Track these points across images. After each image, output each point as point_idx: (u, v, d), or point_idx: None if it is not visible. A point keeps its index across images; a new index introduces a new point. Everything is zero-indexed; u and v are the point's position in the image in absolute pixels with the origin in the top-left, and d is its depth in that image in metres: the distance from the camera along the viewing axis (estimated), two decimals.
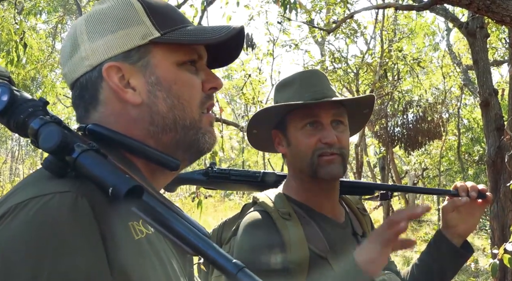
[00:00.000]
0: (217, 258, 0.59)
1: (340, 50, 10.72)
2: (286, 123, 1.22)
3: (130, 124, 0.71)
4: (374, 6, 4.90)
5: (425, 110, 11.09)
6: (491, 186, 4.67)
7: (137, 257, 0.61)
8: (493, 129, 4.69)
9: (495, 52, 10.43)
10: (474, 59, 5.03)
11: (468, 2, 2.47)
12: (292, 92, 1.22)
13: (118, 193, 0.57)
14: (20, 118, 0.65)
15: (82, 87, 0.73)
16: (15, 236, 0.54)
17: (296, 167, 1.22)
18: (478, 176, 13.28)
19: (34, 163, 19.01)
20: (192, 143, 0.74)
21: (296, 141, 1.20)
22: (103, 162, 0.61)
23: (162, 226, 0.61)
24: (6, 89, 0.66)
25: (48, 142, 0.60)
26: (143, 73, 0.72)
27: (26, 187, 0.61)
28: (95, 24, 0.72)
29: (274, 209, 1.14)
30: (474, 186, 1.23)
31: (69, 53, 0.74)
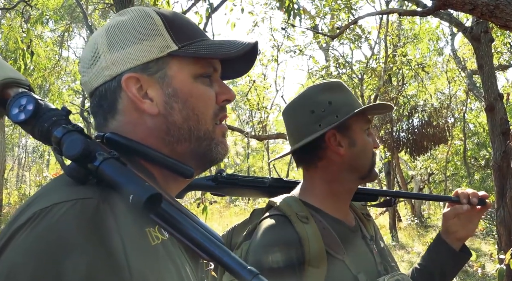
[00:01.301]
0: (232, 265, 0.60)
1: (344, 55, 10.75)
2: (350, 125, 1.22)
3: (147, 133, 0.73)
4: (378, 11, 4.92)
5: (431, 115, 11.07)
6: (498, 191, 4.65)
7: (154, 262, 0.63)
8: (498, 134, 4.67)
9: (500, 56, 10.41)
10: (479, 64, 5.03)
11: (472, 7, 2.47)
12: (347, 97, 1.25)
13: (138, 200, 0.59)
14: (44, 126, 0.67)
15: (101, 96, 0.75)
16: (40, 240, 0.56)
17: (353, 168, 1.23)
18: (484, 181, 13.21)
19: (41, 170, 19.11)
20: (206, 153, 0.77)
21: (363, 143, 1.24)
22: (124, 170, 0.62)
23: (179, 233, 0.63)
24: (31, 99, 0.69)
25: (71, 150, 0.62)
26: (160, 84, 0.74)
27: (49, 193, 0.63)
28: (115, 35, 0.74)
29: (292, 212, 1.16)
30: (474, 193, 1.27)
31: (90, 62, 0.75)
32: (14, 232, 0.58)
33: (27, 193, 14.82)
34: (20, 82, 0.75)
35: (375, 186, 15.21)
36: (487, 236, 10.53)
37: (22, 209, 0.62)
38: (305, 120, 1.23)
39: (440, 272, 1.29)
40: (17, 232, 0.57)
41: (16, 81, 0.75)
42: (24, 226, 0.57)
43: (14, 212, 0.65)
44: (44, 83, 11.90)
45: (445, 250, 1.29)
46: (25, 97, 0.69)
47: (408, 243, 11.14)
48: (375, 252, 1.25)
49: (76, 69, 13.74)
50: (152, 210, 0.61)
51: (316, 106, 1.22)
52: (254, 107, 9.29)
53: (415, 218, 14.06)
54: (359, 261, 1.18)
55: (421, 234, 12.39)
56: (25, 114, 0.68)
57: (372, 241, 1.28)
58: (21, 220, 0.58)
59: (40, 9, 9.25)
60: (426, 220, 14.66)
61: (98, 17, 12.67)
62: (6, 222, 0.64)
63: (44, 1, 9.07)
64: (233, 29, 6.07)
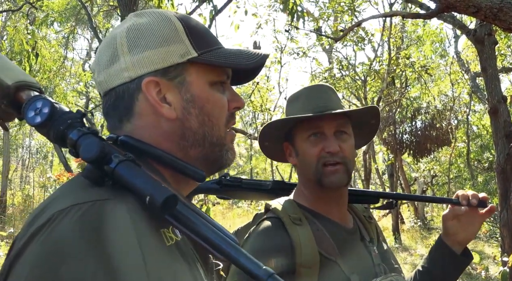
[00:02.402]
0: (247, 265, 0.62)
1: (348, 57, 10.75)
2: (293, 135, 1.28)
3: (162, 137, 0.74)
4: (381, 14, 4.93)
5: (434, 117, 11.06)
6: (501, 193, 4.64)
7: (169, 263, 0.64)
8: (502, 136, 4.67)
9: (504, 59, 10.39)
10: (482, 66, 5.03)
11: (475, 10, 2.48)
12: (298, 106, 1.28)
13: (155, 202, 0.60)
14: (60, 129, 0.68)
15: (117, 97, 0.75)
16: (59, 241, 0.56)
17: (304, 175, 1.27)
18: (488, 183, 13.17)
19: (44, 171, 19.16)
20: (217, 159, 0.78)
21: (302, 151, 1.25)
22: (140, 172, 0.64)
23: (195, 234, 0.64)
24: (47, 102, 0.70)
25: (88, 152, 0.63)
26: (179, 89, 0.74)
27: (66, 195, 0.64)
28: (136, 37, 0.74)
29: (285, 215, 1.18)
30: (475, 194, 1.26)
31: (108, 62, 0.75)
32: (33, 233, 0.59)
33: (30, 194, 14.85)
34: (32, 85, 0.76)
35: (378, 188, 15.19)
36: (491, 239, 10.50)
37: (40, 210, 0.63)
38: None
39: (441, 275, 1.29)
40: (37, 233, 0.58)
41: (28, 84, 0.76)
42: (43, 227, 0.58)
43: (33, 212, 0.66)
44: (49, 85, 11.95)
45: (446, 253, 1.28)
46: (41, 100, 0.70)
47: (411, 245, 11.12)
48: (374, 254, 1.25)
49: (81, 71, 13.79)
50: (168, 211, 0.62)
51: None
52: (258, 109, 9.29)
53: (418, 220, 14.03)
54: (354, 262, 1.18)
55: (424, 236, 12.36)
56: (41, 117, 0.69)
57: (372, 243, 1.28)
58: (40, 222, 0.59)
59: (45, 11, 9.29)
60: (429, 222, 14.62)
61: (102, 19, 12.71)
62: (25, 222, 0.65)
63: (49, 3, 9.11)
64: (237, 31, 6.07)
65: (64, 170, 13.88)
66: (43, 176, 17.20)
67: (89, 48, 17.87)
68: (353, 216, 1.32)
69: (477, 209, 1.25)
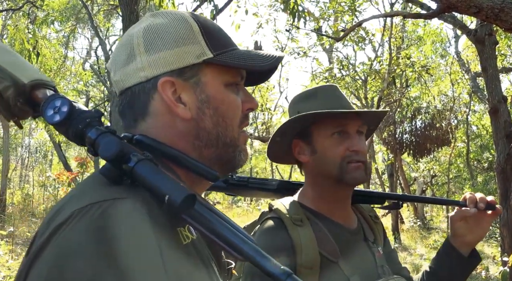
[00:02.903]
0: (266, 265, 0.62)
1: (348, 57, 10.75)
2: (311, 132, 1.25)
3: (177, 137, 0.75)
4: (382, 14, 4.93)
5: (434, 117, 11.07)
6: (501, 193, 4.65)
7: (186, 261, 0.65)
8: (502, 136, 4.67)
9: (504, 59, 10.40)
10: (482, 66, 5.04)
11: (477, 11, 2.48)
12: (318, 103, 1.26)
13: (174, 201, 0.61)
14: (79, 128, 0.69)
15: (133, 96, 0.76)
16: (79, 239, 0.57)
17: (320, 174, 1.25)
18: (487, 183, 13.18)
19: (44, 170, 19.15)
20: (230, 159, 0.79)
21: (323, 149, 1.23)
22: (158, 171, 0.64)
23: (212, 233, 0.65)
24: (65, 101, 0.71)
25: (107, 151, 0.64)
26: (194, 90, 0.75)
27: (85, 193, 0.65)
28: (153, 38, 0.75)
29: (286, 216, 1.18)
30: (482, 197, 1.25)
31: (124, 61, 0.76)
32: (53, 231, 0.59)
33: (30, 193, 14.84)
34: (47, 83, 0.77)
35: (378, 188, 15.20)
36: (490, 239, 10.51)
37: (59, 207, 0.64)
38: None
39: (448, 277, 1.28)
40: (57, 230, 0.59)
41: (43, 82, 0.76)
42: (63, 224, 0.59)
43: (52, 209, 0.67)
44: None
45: (453, 255, 1.27)
46: (59, 99, 0.71)
47: (410, 245, 11.13)
48: (378, 255, 1.25)
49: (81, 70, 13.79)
50: (186, 210, 0.63)
51: (289, 116, 1.28)
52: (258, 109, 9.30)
53: (417, 220, 14.04)
54: (356, 263, 1.18)
55: (423, 236, 12.37)
56: (60, 116, 0.70)
57: (376, 243, 1.28)
58: (60, 219, 0.60)
59: (46, 10, 9.28)
60: (428, 222, 14.63)
61: (103, 18, 12.71)
62: (44, 219, 0.66)
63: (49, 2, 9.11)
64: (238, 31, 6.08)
65: (64, 169, 13.90)
66: (42, 175, 17.20)
67: (89, 47, 17.87)
68: (358, 216, 1.32)
69: (485, 211, 1.24)
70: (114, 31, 17.28)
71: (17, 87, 0.74)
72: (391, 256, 1.31)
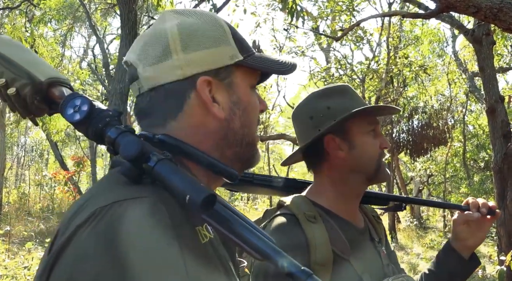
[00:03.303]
0: (285, 265, 0.63)
1: (345, 56, 10.76)
2: (348, 128, 1.25)
3: (204, 136, 0.76)
4: (381, 14, 4.94)
5: (431, 117, 11.10)
6: (498, 193, 4.67)
7: (206, 260, 0.65)
8: (499, 136, 4.69)
9: (501, 59, 10.44)
10: (480, 66, 5.05)
11: (475, 10, 2.48)
12: (349, 100, 1.27)
13: (195, 201, 0.61)
14: (98, 127, 0.69)
15: (167, 93, 0.74)
16: (101, 238, 0.57)
17: (355, 170, 1.24)
18: (483, 183, 13.23)
19: (40, 169, 19.10)
20: (249, 159, 0.81)
21: (363, 145, 1.24)
22: (178, 171, 0.64)
23: (230, 232, 0.65)
24: (85, 100, 0.71)
25: (128, 150, 0.64)
26: (227, 90, 0.77)
27: (106, 191, 0.65)
28: (190, 36, 0.75)
29: (300, 212, 1.18)
30: (485, 203, 1.28)
31: (157, 58, 0.75)
32: (75, 229, 0.59)
33: (26, 192, 14.80)
34: (63, 81, 0.77)
35: (374, 187, 15.23)
36: (486, 238, 10.54)
37: (79, 206, 0.64)
38: (304, 126, 1.28)
39: (448, 279, 1.30)
40: (79, 229, 0.59)
41: (59, 80, 0.77)
42: (85, 224, 0.59)
43: (71, 208, 0.67)
44: None
45: (454, 257, 1.29)
46: (79, 98, 0.71)
47: (407, 244, 11.17)
48: (383, 255, 1.26)
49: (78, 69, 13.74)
50: (207, 210, 0.63)
51: (314, 112, 1.26)
52: None
53: (414, 220, 14.09)
54: (365, 262, 1.19)
55: (420, 235, 12.41)
56: (80, 115, 0.70)
57: (380, 243, 1.29)
58: (82, 218, 0.60)
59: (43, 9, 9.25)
60: (425, 221, 14.68)
61: (100, 17, 12.67)
62: (64, 218, 0.66)
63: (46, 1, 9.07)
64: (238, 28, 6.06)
65: (60, 168, 13.86)
66: (38, 174, 17.16)
67: (86, 46, 17.82)
68: (363, 216, 1.33)
69: (485, 216, 1.28)
70: (111, 30, 17.24)
71: (34, 85, 0.75)
72: (391, 256, 1.32)
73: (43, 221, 10.85)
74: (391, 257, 1.31)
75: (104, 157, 20.14)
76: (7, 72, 0.76)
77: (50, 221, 10.83)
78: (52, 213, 11.96)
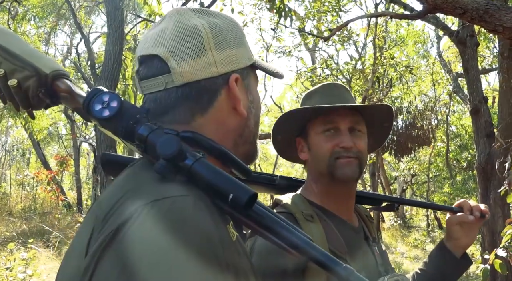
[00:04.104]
0: (328, 262, 0.65)
1: (331, 56, 10.82)
2: (307, 130, 1.29)
3: (226, 133, 0.76)
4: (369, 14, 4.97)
5: (415, 117, 11.22)
6: (481, 193, 4.74)
7: (237, 257, 0.65)
8: (483, 136, 4.76)
9: (483, 60, 10.60)
10: (464, 67, 5.12)
11: (462, 12, 2.51)
12: (314, 101, 1.30)
13: (240, 199, 0.62)
14: (129, 124, 0.68)
15: (202, 90, 0.74)
16: (147, 237, 0.56)
17: (316, 170, 1.27)
18: (466, 182, 13.42)
19: (22, 169, 18.79)
20: (254, 155, 0.84)
21: (315, 146, 1.26)
22: (218, 170, 0.64)
23: (265, 229, 0.66)
24: (114, 96, 0.70)
25: (167, 149, 0.64)
26: (246, 89, 0.79)
27: (143, 189, 0.64)
28: (221, 35, 0.76)
29: (298, 211, 1.19)
30: (477, 206, 1.32)
31: (194, 53, 0.74)
32: (119, 227, 0.58)
33: (7, 192, 14.55)
34: (65, 74, 0.76)
35: (359, 187, 15.33)
36: None
37: (115, 202, 0.62)
38: None
39: (440, 278, 1.32)
40: (122, 227, 0.57)
41: (63, 73, 0.76)
42: (128, 221, 0.58)
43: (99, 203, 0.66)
44: None
45: (447, 257, 1.31)
46: (107, 93, 0.70)
47: (391, 243, 11.28)
48: (377, 254, 1.27)
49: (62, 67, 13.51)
50: (250, 209, 0.64)
51: None
52: None
53: (398, 219, 14.23)
54: (361, 260, 1.19)
55: (404, 234, 12.55)
56: (110, 111, 0.69)
57: (375, 242, 1.31)
58: (124, 215, 0.59)
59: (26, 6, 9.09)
60: (408, 220, 14.84)
61: (84, 14, 12.52)
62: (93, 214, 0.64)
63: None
64: None
65: (42, 168, 13.65)
66: (20, 173, 16.87)
67: (69, 44, 17.58)
68: (357, 215, 1.34)
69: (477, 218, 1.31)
70: (95, 28, 17.05)
71: (39, 78, 0.73)
72: (383, 256, 1.33)
73: (25, 221, 10.67)
74: (383, 256, 1.31)
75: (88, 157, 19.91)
76: (6, 63, 0.74)
77: (32, 221, 10.65)
78: (34, 213, 11.77)
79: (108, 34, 5.00)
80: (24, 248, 6.50)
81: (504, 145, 4.27)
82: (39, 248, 6.90)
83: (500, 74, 4.68)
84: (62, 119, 16.76)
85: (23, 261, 4.88)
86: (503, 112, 4.56)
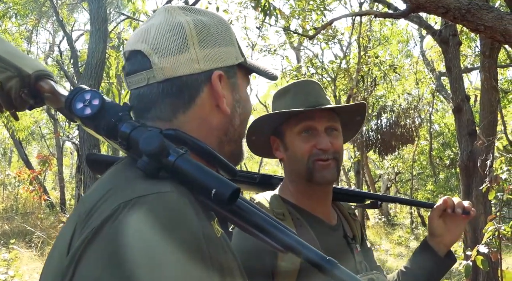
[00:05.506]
0: (310, 255, 0.66)
1: (316, 55, 10.86)
2: (283, 130, 1.27)
3: (208, 132, 0.76)
4: (354, 13, 5.01)
5: (399, 115, 11.33)
6: (464, 190, 4.81)
7: (222, 253, 0.65)
8: (465, 134, 4.83)
9: (466, 59, 10.76)
10: (447, 66, 5.19)
11: (445, 11, 2.54)
12: (288, 101, 1.28)
13: (222, 195, 0.61)
14: (111, 121, 0.68)
15: (183, 86, 0.74)
16: (131, 232, 0.55)
17: (293, 171, 1.27)
18: (448, 180, 13.63)
19: (3, 168, 18.48)
20: (240, 155, 0.84)
21: (293, 147, 1.24)
22: (201, 166, 0.64)
23: (251, 225, 0.66)
24: (96, 94, 0.69)
25: (149, 145, 0.64)
26: (232, 88, 0.79)
27: (125, 186, 0.63)
28: (204, 33, 0.76)
29: (269, 210, 1.18)
30: (460, 202, 1.28)
31: (176, 50, 0.74)
32: (101, 224, 0.57)
33: None
34: (49, 74, 0.75)
35: (344, 185, 15.44)
36: None
37: (97, 200, 0.62)
38: None
39: (424, 276, 1.30)
40: (105, 224, 0.57)
41: (47, 73, 0.75)
42: (110, 218, 0.57)
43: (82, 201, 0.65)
44: None
45: (431, 255, 1.29)
46: (89, 92, 0.70)
47: (376, 241, 11.38)
48: (356, 252, 1.26)
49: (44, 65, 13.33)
50: (233, 204, 0.64)
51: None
52: None
53: (382, 217, 14.37)
54: (336, 259, 1.19)
55: (388, 232, 12.68)
56: (91, 109, 0.68)
57: (354, 240, 1.29)
58: (105, 212, 0.58)
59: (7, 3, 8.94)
60: (392, 218, 15.00)
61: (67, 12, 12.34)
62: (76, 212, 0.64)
63: None
64: None
65: (24, 167, 13.44)
66: (1, 173, 16.61)
67: (52, 42, 17.32)
68: (337, 213, 1.33)
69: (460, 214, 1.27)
70: (78, 26, 16.84)
71: (22, 78, 0.73)
72: (368, 254, 1.33)
73: (7, 221, 10.51)
74: (367, 254, 1.31)
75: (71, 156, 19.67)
76: None
77: (14, 221, 10.49)
78: (16, 213, 11.59)
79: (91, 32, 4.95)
80: (6, 248, 6.40)
81: (486, 143, 4.33)
82: (21, 248, 6.80)
83: (482, 73, 4.75)
84: (44, 118, 16.52)
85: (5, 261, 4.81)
86: (485, 111, 4.64)
